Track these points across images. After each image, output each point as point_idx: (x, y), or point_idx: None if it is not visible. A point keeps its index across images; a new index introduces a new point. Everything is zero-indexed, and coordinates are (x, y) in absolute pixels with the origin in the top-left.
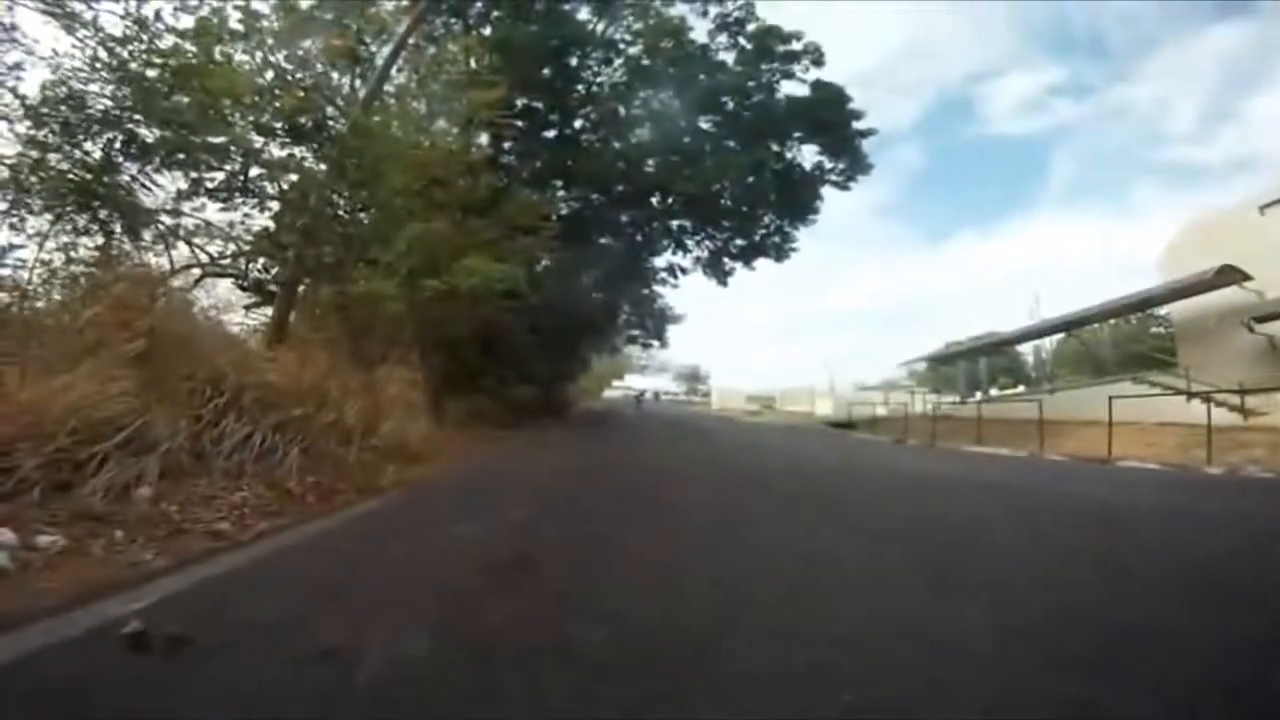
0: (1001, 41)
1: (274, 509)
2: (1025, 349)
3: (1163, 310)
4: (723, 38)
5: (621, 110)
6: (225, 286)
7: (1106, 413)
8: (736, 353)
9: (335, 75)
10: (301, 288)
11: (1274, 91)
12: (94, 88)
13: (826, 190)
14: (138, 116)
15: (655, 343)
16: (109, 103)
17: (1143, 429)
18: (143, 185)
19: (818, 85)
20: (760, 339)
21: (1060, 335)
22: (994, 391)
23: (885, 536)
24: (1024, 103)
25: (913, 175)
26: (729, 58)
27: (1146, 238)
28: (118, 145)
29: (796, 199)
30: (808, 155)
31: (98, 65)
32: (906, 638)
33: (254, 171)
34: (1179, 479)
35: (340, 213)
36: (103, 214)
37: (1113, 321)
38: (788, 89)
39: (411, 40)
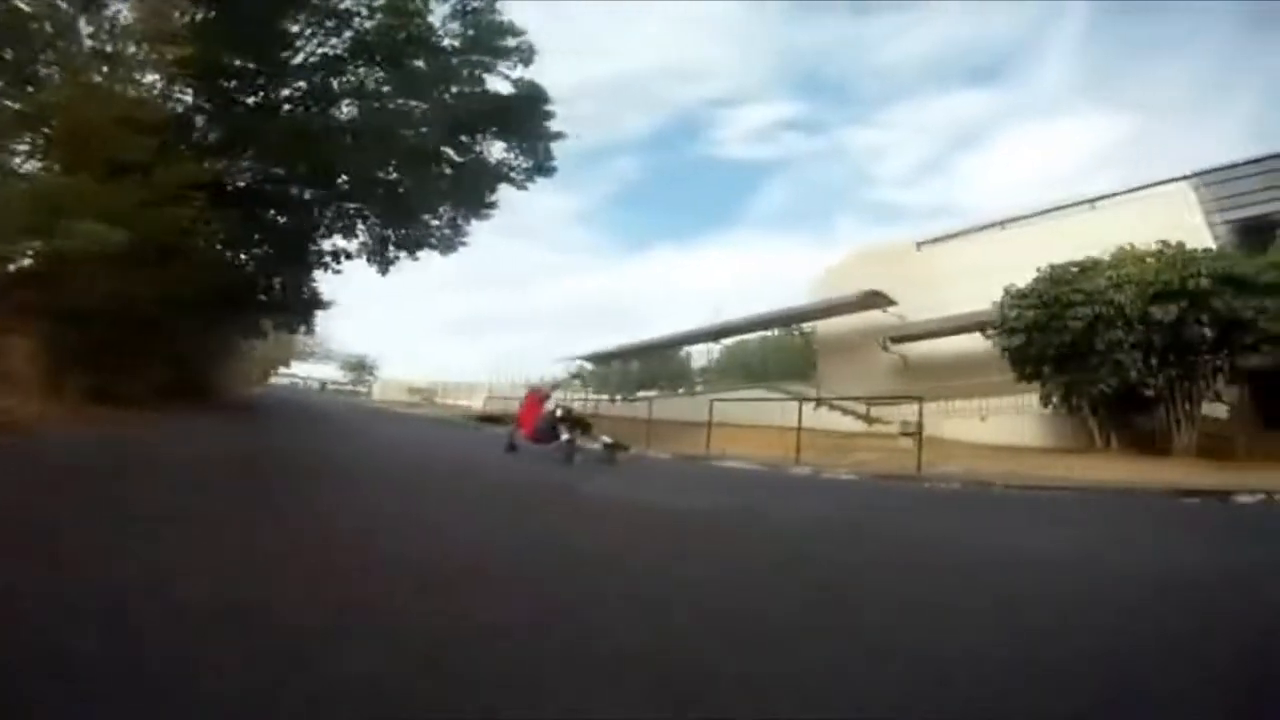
0: (754, 75)
1: None
2: (687, 353)
3: (812, 326)
4: (455, 25)
5: (335, 84)
6: None
7: (742, 415)
8: (419, 344)
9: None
10: None
11: (982, 153)
12: None
13: (534, 193)
14: None
15: (303, 328)
16: None
17: (767, 432)
18: None
19: (520, 83)
20: (446, 332)
21: (724, 342)
22: (641, 393)
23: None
24: (756, 131)
25: (626, 186)
26: (450, 44)
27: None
28: None
29: (473, 192)
30: (495, 151)
31: None
32: None
33: None
34: (739, 475)
35: None
36: None
37: (773, 332)
38: (493, 84)
39: None
